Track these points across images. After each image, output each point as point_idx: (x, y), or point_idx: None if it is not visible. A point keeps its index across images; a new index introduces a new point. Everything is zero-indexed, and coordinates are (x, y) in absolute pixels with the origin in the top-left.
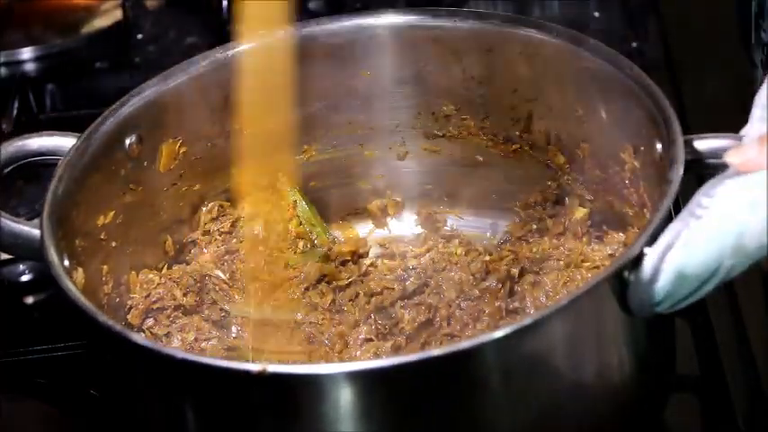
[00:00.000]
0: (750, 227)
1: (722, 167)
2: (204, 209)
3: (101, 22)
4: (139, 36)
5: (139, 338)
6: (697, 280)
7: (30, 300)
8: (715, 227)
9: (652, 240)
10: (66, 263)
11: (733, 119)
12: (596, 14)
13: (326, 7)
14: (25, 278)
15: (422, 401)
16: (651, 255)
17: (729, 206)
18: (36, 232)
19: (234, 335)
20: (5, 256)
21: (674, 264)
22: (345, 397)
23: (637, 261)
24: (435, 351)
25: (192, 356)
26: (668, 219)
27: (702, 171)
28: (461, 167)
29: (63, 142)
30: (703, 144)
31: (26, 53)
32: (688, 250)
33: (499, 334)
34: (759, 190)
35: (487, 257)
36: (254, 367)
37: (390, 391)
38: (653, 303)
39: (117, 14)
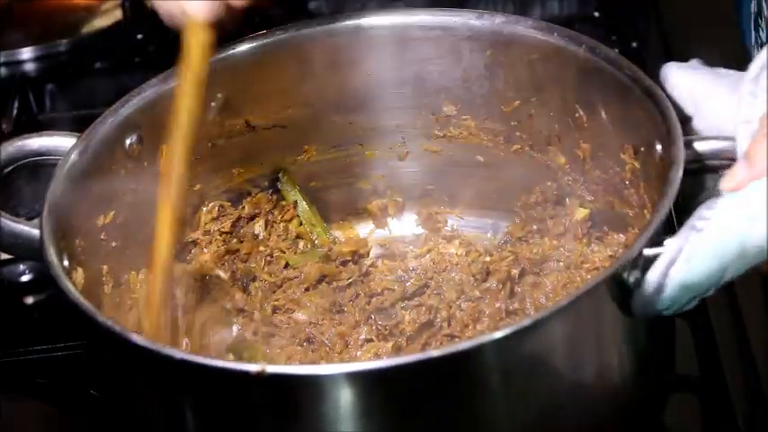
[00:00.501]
0: (751, 237)
1: (722, 169)
2: (204, 209)
3: (101, 22)
4: (139, 36)
5: (139, 338)
6: (701, 288)
7: (30, 300)
8: (716, 239)
9: (652, 242)
10: (66, 263)
11: None
12: (596, 14)
13: (326, 7)
14: (25, 278)
15: (422, 402)
16: (655, 270)
17: (729, 218)
18: (36, 232)
19: (234, 334)
20: (5, 256)
21: (678, 278)
22: (345, 397)
23: (636, 263)
24: (434, 352)
25: (191, 356)
26: (668, 220)
27: (703, 172)
28: (462, 168)
29: (63, 142)
30: (703, 145)
31: (26, 53)
32: (690, 264)
33: (498, 335)
34: (757, 201)
35: (488, 258)
36: (252, 368)
37: (390, 392)
38: (657, 310)
39: (117, 14)
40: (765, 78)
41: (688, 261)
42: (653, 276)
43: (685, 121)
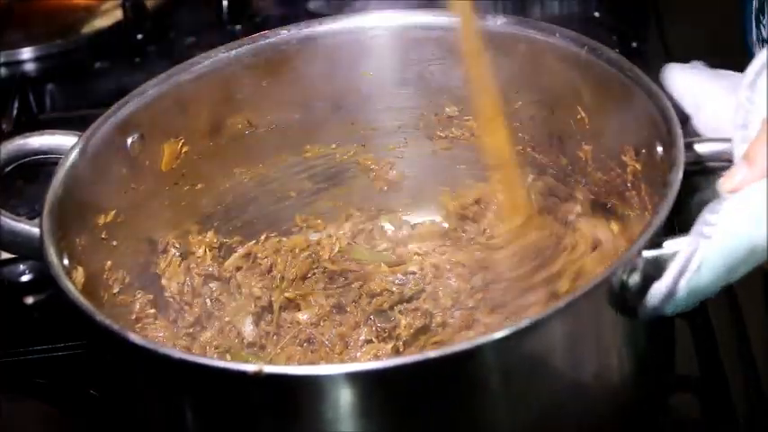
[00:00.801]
0: (754, 238)
1: (723, 170)
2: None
3: (101, 22)
4: (139, 36)
5: (138, 338)
6: (709, 292)
7: (30, 300)
8: (725, 245)
9: (651, 244)
10: (66, 262)
11: None
12: (596, 14)
13: (326, 7)
14: (25, 278)
15: (421, 402)
16: (666, 278)
17: (735, 222)
18: (36, 231)
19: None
20: (5, 256)
21: (689, 286)
22: (344, 398)
23: (635, 264)
24: (434, 352)
25: (189, 356)
26: (667, 222)
27: (703, 174)
28: (463, 168)
29: (63, 141)
30: (704, 147)
31: (26, 53)
32: (701, 272)
33: (498, 335)
34: (758, 202)
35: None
36: (250, 368)
37: (389, 392)
38: (664, 314)
39: (117, 14)
40: (762, 82)
41: (699, 269)
42: (664, 284)
43: (685, 121)
